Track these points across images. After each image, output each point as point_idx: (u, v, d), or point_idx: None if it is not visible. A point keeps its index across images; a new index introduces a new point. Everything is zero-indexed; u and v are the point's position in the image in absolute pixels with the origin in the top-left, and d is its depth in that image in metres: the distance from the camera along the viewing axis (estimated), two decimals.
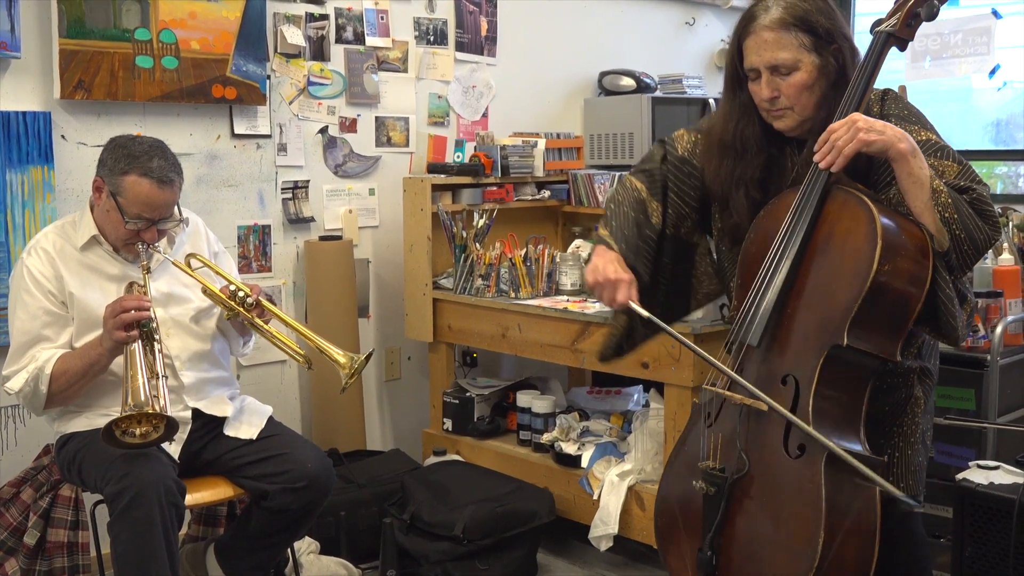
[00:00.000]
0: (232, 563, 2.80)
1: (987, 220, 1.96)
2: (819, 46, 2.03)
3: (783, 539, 1.86)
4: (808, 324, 1.96)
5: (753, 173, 2.13)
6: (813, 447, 1.86)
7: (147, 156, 2.55)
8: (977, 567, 2.51)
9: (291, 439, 2.77)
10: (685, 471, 2.09)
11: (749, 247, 2.12)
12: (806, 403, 1.91)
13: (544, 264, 3.67)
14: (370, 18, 3.91)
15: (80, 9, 3.14)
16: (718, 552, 1.95)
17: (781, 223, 2.02)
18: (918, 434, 2.12)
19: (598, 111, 4.50)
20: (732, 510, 1.95)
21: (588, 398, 3.91)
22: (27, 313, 2.57)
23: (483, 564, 3.20)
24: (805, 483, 1.85)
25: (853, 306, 1.88)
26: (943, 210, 1.90)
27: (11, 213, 3.07)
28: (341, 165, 3.89)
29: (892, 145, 1.90)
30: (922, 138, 2.03)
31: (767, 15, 2.04)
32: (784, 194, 2.09)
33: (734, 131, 2.14)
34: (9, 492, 2.76)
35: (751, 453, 1.95)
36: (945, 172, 1.98)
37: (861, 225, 1.91)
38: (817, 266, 1.97)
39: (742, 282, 2.12)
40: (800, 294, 1.98)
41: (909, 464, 2.12)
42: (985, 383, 3.32)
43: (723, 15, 5.12)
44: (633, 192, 2.26)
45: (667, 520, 2.12)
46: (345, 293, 3.77)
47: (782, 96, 2.05)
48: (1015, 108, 4.68)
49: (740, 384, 1.96)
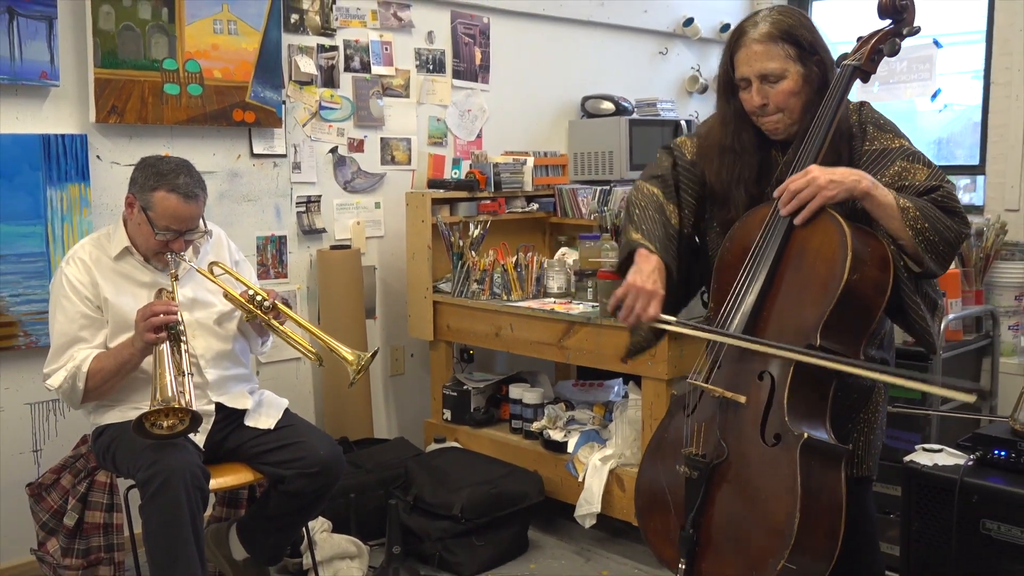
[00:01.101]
0: (253, 541, 2.79)
1: (954, 216, 1.97)
2: (803, 57, 2.04)
3: (762, 519, 1.86)
4: (783, 325, 1.96)
5: (751, 172, 2.13)
6: (788, 436, 1.87)
7: (174, 174, 2.54)
8: (923, 540, 2.51)
9: (305, 429, 2.76)
10: (665, 457, 2.08)
11: (725, 255, 2.12)
12: (781, 396, 1.91)
13: (533, 270, 3.66)
14: (375, 49, 3.91)
15: (113, 42, 3.13)
16: (699, 530, 1.95)
17: (755, 235, 2.03)
18: (879, 420, 2.15)
19: (581, 132, 4.50)
20: (712, 492, 1.95)
21: (573, 390, 3.90)
22: (66, 317, 2.56)
23: (479, 540, 3.20)
24: (781, 469, 1.85)
25: (826, 310, 1.89)
26: (914, 223, 1.92)
27: (51, 226, 3.06)
28: (350, 181, 3.89)
29: (853, 189, 1.91)
30: (896, 145, 2.05)
31: (756, 30, 2.05)
32: (757, 209, 2.10)
33: (732, 135, 2.14)
34: (50, 478, 2.75)
35: (729, 441, 1.95)
36: (917, 174, 2.00)
37: (833, 237, 1.92)
38: (792, 273, 1.98)
39: (718, 286, 2.12)
40: (776, 298, 1.98)
41: (870, 447, 2.14)
42: (930, 374, 3.33)
43: (693, 45, 5.12)
44: (651, 197, 2.22)
45: (647, 500, 2.12)
46: (354, 297, 3.76)
47: (771, 103, 2.05)
48: (955, 128, 4.69)
49: (754, 345, 1.93)
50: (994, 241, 3.90)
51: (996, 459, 2.46)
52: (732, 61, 2.10)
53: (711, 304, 2.16)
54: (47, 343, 2.63)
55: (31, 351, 3.04)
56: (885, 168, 2.03)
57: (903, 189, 1.99)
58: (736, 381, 1.97)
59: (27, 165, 2.99)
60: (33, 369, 3.04)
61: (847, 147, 2.07)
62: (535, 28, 4.44)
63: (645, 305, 2.06)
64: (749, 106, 2.09)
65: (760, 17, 2.07)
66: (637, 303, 2.06)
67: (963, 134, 4.63)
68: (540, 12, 4.41)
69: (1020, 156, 4.08)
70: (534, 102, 4.48)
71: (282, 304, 2.61)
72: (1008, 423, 2.53)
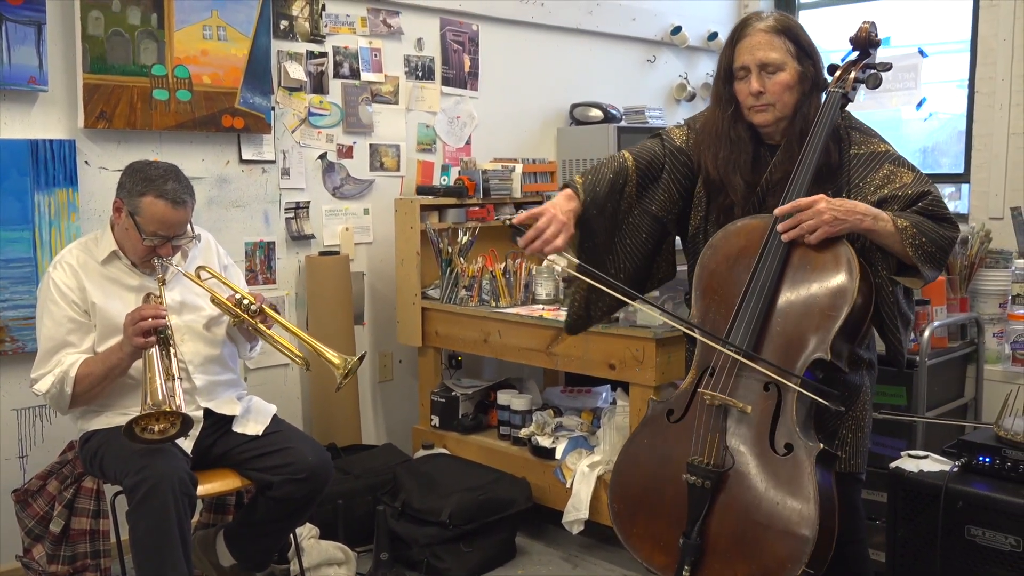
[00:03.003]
0: (240, 547, 2.77)
1: (945, 222, 2.07)
2: (800, 56, 2.13)
3: (778, 527, 1.88)
4: (791, 339, 1.99)
5: (747, 159, 2.18)
6: (801, 446, 1.91)
7: (162, 179, 2.53)
8: (909, 545, 2.52)
9: (293, 435, 2.75)
10: (656, 463, 2.08)
11: (708, 263, 2.15)
12: (790, 407, 1.95)
13: (521, 276, 3.67)
14: (365, 56, 3.91)
15: (102, 47, 3.12)
16: (704, 538, 1.96)
17: (742, 245, 2.08)
18: (867, 419, 2.19)
19: (569, 139, 4.51)
20: (716, 500, 1.96)
21: (561, 396, 3.90)
22: (53, 321, 2.55)
23: (467, 547, 3.19)
24: (796, 478, 1.89)
25: (834, 327, 1.95)
26: (913, 239, 1.99)
27: (39, 231, 3.04)
28: (339, 187, 3.88)
29: (857, 225, 2.00)
30: (881, 149, 2.14)
31: (761, 21, 2.14)
32: (742, 221, 2.14)
33: (730, 124, 2.19)
34: (36, 484, 2.73)
35: (736, 450, 1.97)
36: (903, 177, 2.08)
37: (841, 256, 1.99)
38: (795, 289, 2.02)
39: (702, 292, 2.14)
40: (783, 312, 2.01)
41: (859, 445, 2.17)
42: (915, 381, 3.35)
43: (681, 53, 5.15)
44: (621, 161, 2.27)
45: (629, 505, 2.11)
46: (342, 303, 3.75)
47: (767, 92, 2.11)
48: (940, 136, 4.73)
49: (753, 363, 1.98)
50: (979, 249, 3.93)
51: (981, 465, 2.48)
52: (734, 50, 2.16)
53: (694, 309, 2.17)
54: (34, 348, 2.62)
55: (18, 356, 3.02)
56: (874, 171, 2.11)
57: (892, 197, 2.06)
58: (738, 390, 1.99)
59: (15, 170, 2.98)
60: (20, 375, 3.03)
61: (836, 148, 2.14)
62: (524, 35, 4.45)
63: (555, 233, 2.08)
64: (744, 95, 2.15)
65: (765, 14, 2.17)
66: (548, 230, 2.08)
67: (948, 143, 4.66)
68: (529, 20, 4.42)
69: (1004, 165, 4.12)
70: (523, 109, 4.49)
71: (269, 308, 2.61)
72: (993, 430, 2.55)
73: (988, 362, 3.91)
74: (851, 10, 4.93)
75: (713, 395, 2.00)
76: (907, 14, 4.70)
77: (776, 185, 2.14)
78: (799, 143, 2.11)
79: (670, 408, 2.10)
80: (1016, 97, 4.09)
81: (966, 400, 3.86)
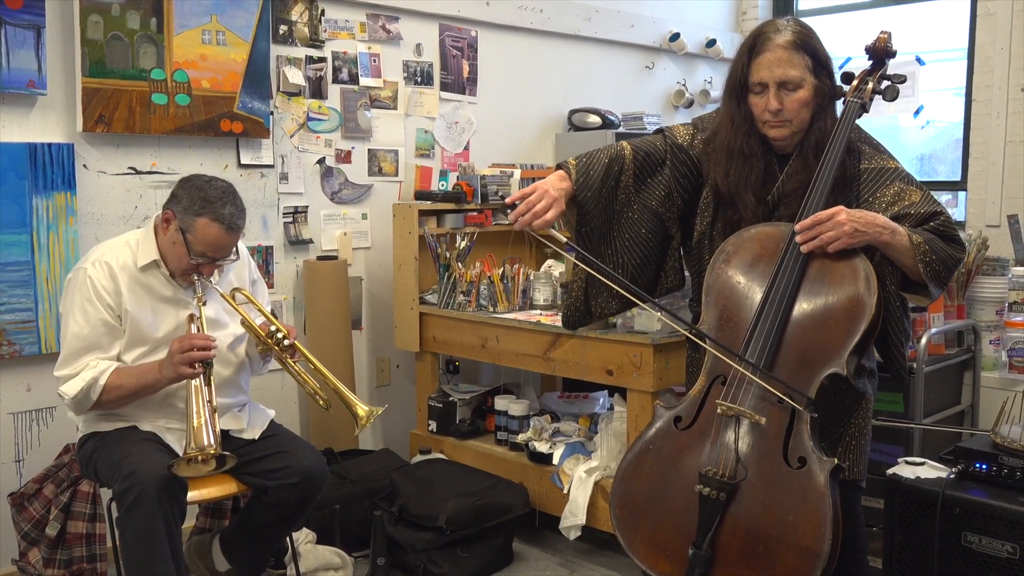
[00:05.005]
0: (235, 552, 2.77)
1: (954, 243, 2.06)
2: (817, 69, 2.10)
3: (790, 540, 1.89)
4: (807, 352, 1.99)
5: (758, 176, 2.15)
6: (815, 460, 1.91)
7: (220, 202, 2.48)
8: (906, 552, 2.52)
9: (290, 439, 2.74)
10: (662, 471, 2.07)
11: (720, 270, 2.12)
12: (804, 420, 1.95)
13: (519, 282, 3.67)
14: (363, 61, 3.91)
15: (101, 51, 3.12)
16: (714, 549, 1.95)
17: (756, 252, 2.07)
18: (868, 426, 2.19)
19: (568, 145, 4.52)
20: (728, 512, 1.95)
21: (559, 402, 3.90)
22: (86, 321, 2.48)
23: (464, 552, 3.19)
24: (811, 491, 1.89)
25: (851, 342, 1.96)
26: (924, 256, 1.99)
27: (37, 235, 3.04)
28: (337, 192, 3.88)
29: (876, 239, 1.99)
30: (891, 166, 2.13)
31: (781, 36, 2.08)
32: (759, 228, 2.12)
33: (744, 139, 2.15)
34: (32, 488, 2.72)
35: (750, 462, 1.96)
36: (912, 195, 2.07)
37: (859, 270, 1.99)
38: (814, 302, 2.01)
39: (714, 300, 2.11)
40: (800, 325, 2.01)
41: (861, 452, 2.17)
42: (912, 388, 3.35)
43: (679, 60, 5.16)
44: (618, 149, 2.25)
45: (633, 512, 2.09)
46: (340, 307, 3.75)
47: (785, 109, 2.08)
48: (937, 144, 4.74)
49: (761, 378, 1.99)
50: (975, 256, 3.93)
51: (977, 472, 2.48)
52: (750, 64, 2.11)
53: (706, 318, 2.14)
54: (32, 352, 2.61)
55: (15, 360, 3.01)
56: (884, 188, 2.10)
57: (905, 215, 2.06)
58: (753, 401, 1.98)
59: (13, 173, 2.98)
60: (17, 379, 3.02)
61: (849, 161, 2.13)
62: (522, 41, 4.46)
63: (545, 207, 2.06)
64: (760, 111, 2.11)
65: (782, 25, 2.11)
66: (538, 204, 2.07)
67: (945, 150, 4.67)
68: (528, 26, 4.43)
69: (1001, 173, 4.12)
70: (521, 115, 4.49)
71: (299, 344, 2.58)
72: (989, 436, 2.55)
73: (985, 369, 3.90)
74: (849, 18, 4.95)
75: (729, 406, 1.99)
76: (904, 22, 4.71)
77: (788, 195, 2.12)
78: (814, 154, 2.09)
79: (678, 415, 2.09)
80: (1013, 105, 4.10)
81: (963, 407, 3.86)
